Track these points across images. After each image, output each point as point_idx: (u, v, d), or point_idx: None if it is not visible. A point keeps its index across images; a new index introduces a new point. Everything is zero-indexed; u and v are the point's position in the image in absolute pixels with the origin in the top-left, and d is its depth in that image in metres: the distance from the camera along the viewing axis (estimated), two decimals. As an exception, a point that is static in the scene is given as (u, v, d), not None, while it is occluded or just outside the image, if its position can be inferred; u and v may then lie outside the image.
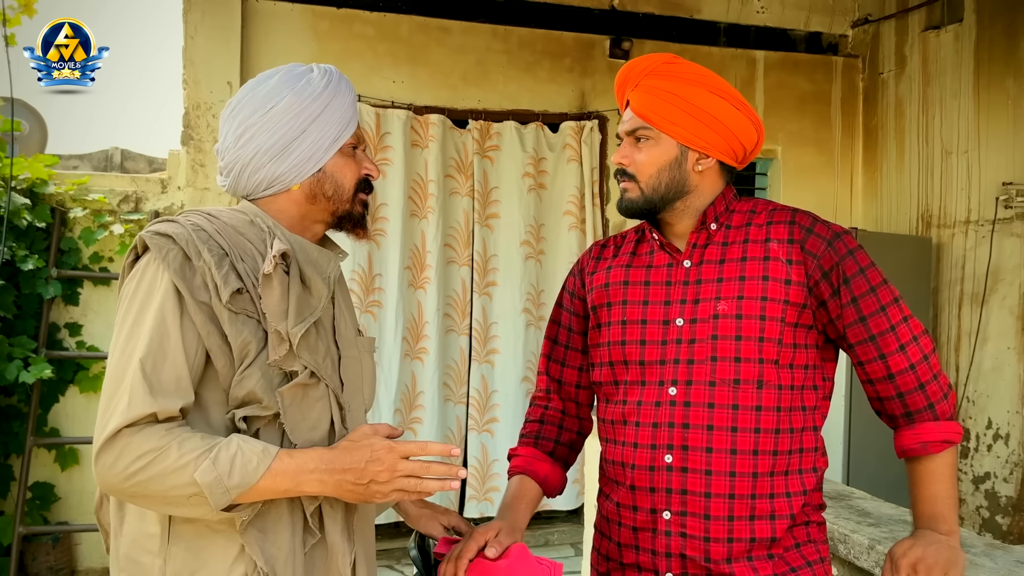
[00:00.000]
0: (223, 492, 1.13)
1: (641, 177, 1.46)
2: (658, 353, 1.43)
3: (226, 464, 1.13)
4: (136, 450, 1.13)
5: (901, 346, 1.40)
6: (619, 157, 1.48)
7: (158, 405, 1.14)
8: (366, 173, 1.41)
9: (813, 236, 1.42)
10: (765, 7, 5.46)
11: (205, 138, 4.42)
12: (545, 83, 5.02)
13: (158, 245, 1.21)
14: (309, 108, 1.31)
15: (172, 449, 1.13)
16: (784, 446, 1.40)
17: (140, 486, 1.13)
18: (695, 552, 1.38)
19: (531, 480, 1.59)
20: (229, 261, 1.22)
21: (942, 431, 1.41)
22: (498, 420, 4.84)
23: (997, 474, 4.63)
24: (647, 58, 1.49)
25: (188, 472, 1.12)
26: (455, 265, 4.83)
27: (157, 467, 1.12)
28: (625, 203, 1.49)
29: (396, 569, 4.37)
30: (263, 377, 1.21)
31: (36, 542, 4.07)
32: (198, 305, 1.19)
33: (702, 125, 1.43)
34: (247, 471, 1.14)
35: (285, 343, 1.22)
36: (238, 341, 1.20)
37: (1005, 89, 4.62)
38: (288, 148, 1.31)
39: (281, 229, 1.32)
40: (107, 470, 1.14)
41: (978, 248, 4.76)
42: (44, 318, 4.11)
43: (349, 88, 1.39)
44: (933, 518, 1.42)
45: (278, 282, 1.23)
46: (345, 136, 1.36)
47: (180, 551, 1.21)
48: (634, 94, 1.47)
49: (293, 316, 1.23)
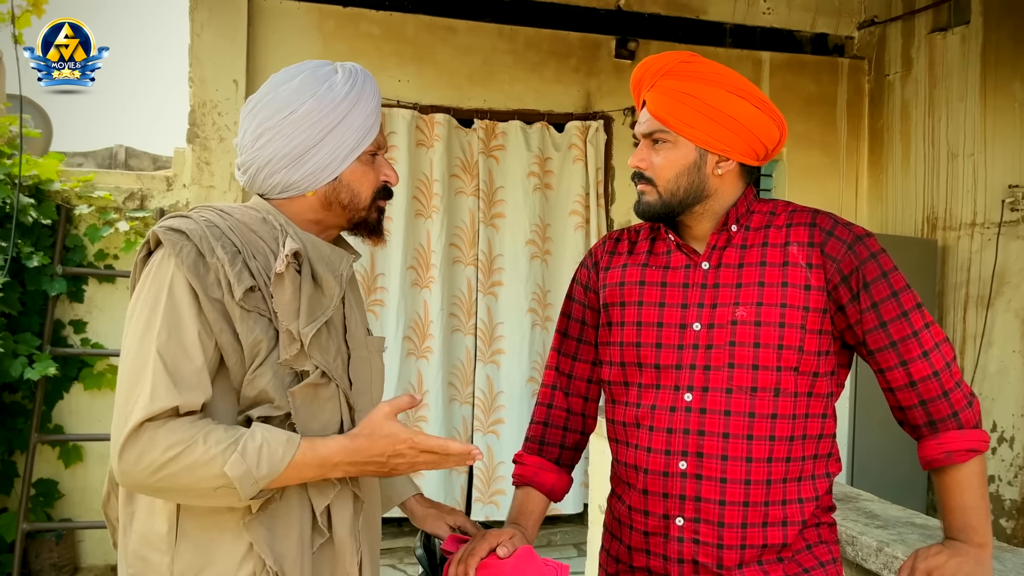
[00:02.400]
0: (252, 483, 1.14)
1: (659, 181, 1.41)
2: (674, 357, 1.40)
3: (254, 456, 1.14)
4: (163, 443, 1.12)
5: (924, 352, 1.36)
6: (636, 160, 1.44)
7: (182, 398, 1.13)
8: (384, 180, 1.38)
9: (833, 239, 1.38)
10: (771, 8, 5.45)
11: (211, 136, 4.42)
12: (551, 83, 5.02)
13: (172, 241, 1.20)
14: (329, 116, 1.29)
15: (199, 442, 1.12)
16: (798, 453, 1.38)
17: (167, 480, 1.12)
18: (708, 559, 1.37)
19: (537, 492, 1.57)
20: (242, 259, 1.21)
21: (967, 440, 1.37)
22: (504, 421, 4.83)
23: (1001, 477, 4.62)
24: (663, 56, 1.43)
25: (217, 465, 1.12)
26: (460, 265, 4.83)
27: (185, 460, 1.11)
28: (643, 206, 1.44)
29: (399, 568, 4.37)
30: (274, 376, 1.20)
31: (39, 539, 4.07)
32: (211, 302, 1.18)
33: (721, 127, 1.38)
34: (273, 461, 1.15)
35: (296, 342, 1.22)
36: (249, 339, 1.19)
37: (1012, 92, 4.60)
38: (304, 156, 1.29)
39: (294, 227, 1.31)
40: (133, 465, 1.12)
41: (984, 251, 4.75)
42: (49, 315, 4.11)
43: (373, 91, 1.35)
44: (964, 530, 1.38)
45: (290, 281, 1.23)
46: (365, 144, 1.33)
47: (188, 548, 1.20)
48: (650, 95, 1.42)
49: (304, 315, 1.23)
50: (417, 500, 1.60)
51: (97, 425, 4.23)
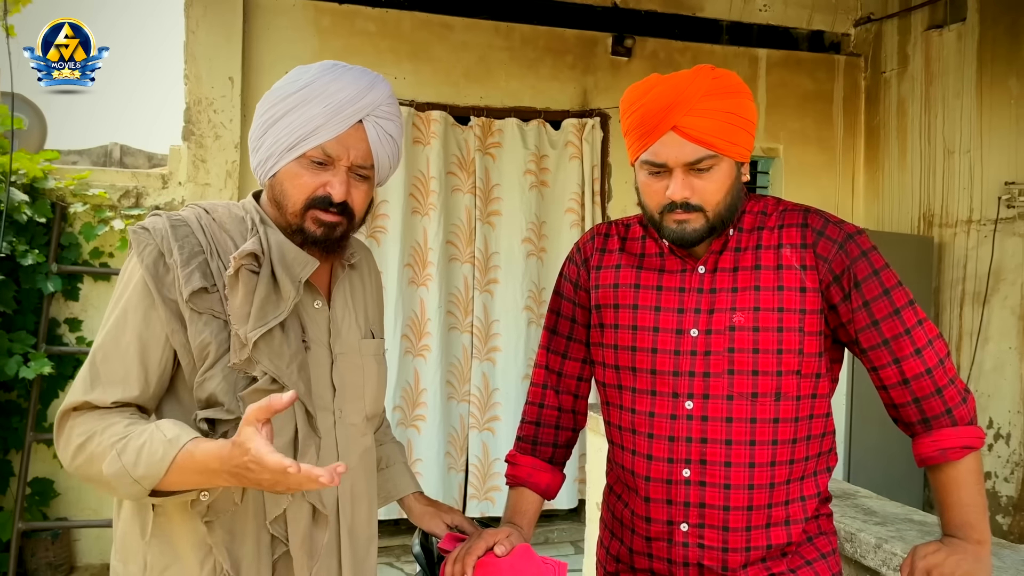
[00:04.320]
0: (131, 483, 1.12)
1: (708, 207, 1.33)
2: (671, 364, 1.39)
3: (132, 455, 1.11)
4: (75, 433, 1.17)
5: (916, 350, 1.36)
6: (680, 191, 1.31)
7: (92, 395, 1.17)
8: (323, 193, 1.26)
9: (824, 239, 1.37)
10: (767, 5, 5.44)
11: (206, 133, 4.41)
12: (547, 80, 5.01)
13: (137, 240, 1.23)
14: (277, 105, 1.27)
15: (96, 435, 1.15)
16: (800, 454, 1.38)
17: (81, 468, 1.17)
18: (713, 562, 1.37)
19: (532, 493, 1.56)
20: (202, 259, 1.21)
21: (961, 436, 1.36)
22: (499, 419, 4.82)
23: (998, 474, 4.63)
24: (694, 77, 1.33)
25: (103, 459, 1.13)
26: (457, 262, 4.82)
27: (87, 451, 1.15)
28: (688, 235, 1.34)
29: (396, 567, 4.36)
30: (224, 380, 1.19)
31: (35, 538, 4.06)
32: (165, 302, 1.19)
33: (748, 135, 1.35)
34: (152, 462, 1.10)
35: (247, 347, 1.19)
36: (197, 341, 1.19)
37: (1008, 88, 4.61)
38: (258, 142, 1.30)
39: (270, 226, 1.29)
40: (59, 450, 1.18)
41: (980, 248, 4.76)
42: (44, 313, 4.09)
43: (340, 98, 1.25)
44: (962, 527, 1.36)
45: (242, 283, 1.21)
46: (306, 146, 1.24)
47: (159, 543, 1.23)
48: (688, 119, 1.30)
49: (253, 319, 1.20)
50: (416, 498, 1.59)
51: (93, 424, 4.21)
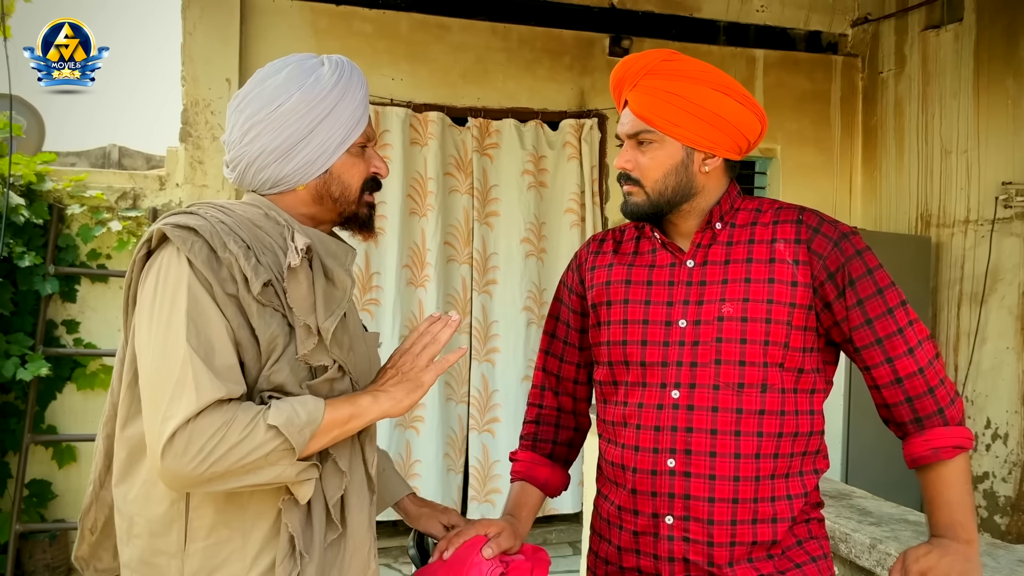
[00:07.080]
0: (298, 430, 1.14)
1: (646, 182, 1.41)
2: (660, 354, 1.40)
3: (287, 407, 1.14)
4: (206, 430, 1.10)
5: (909, 349, 1.37)
6: (622, 161, 1.43)
7: (226, 389, 1.13)
8: (374, 172, 1.38)
9: (819, 236, 1.39)
10: (765, 6, 5.45)
11: (204, 135, 4.41)
12: (545, 81, 5.01)
13: (182, 238, 1.18)
14: (317, 108, 1.28)
15: (239, 417, 1.12)
16: (786, 449, 1.38)
17: (219, 462, 1.10)
18: (698, 556, 1.37)
19: (532, 487, 1.58)
20: (253, 254, 1.20)
21: (953, 436, 1.37)
22: (499, 420, 4.82)
23: (996, 474, 4.63)
24: (644, 56, 1.42)
25: (260, 427, 1.12)
26: (455, 263, 4.82)
27: (232, 438, 1.11)
28: (630, 207, 1.44)
29: (393, 567, 4.36)
30: (291, 372, 1.20)
31: (33, 540, 4.05)
32: (227, 297, 1.17)
33: (707, 125, 1.38)
34: (308, 409, 1.15)
35: (314, 337, 1.21)
36: (266, 335, 1.18)
37: (1005, 88, 4.61)
38: (294, 149, 1.28)
39: (296, 223, 1.30)
40: (178, 459, 1.10)
41: (977, 248, 4.76)
42: (41, 315, 4.09)
43: (361, 83, 1.34)
44: (951, 527, 1.37)
45: (304, 275, 1.22)
46: (354, 136, 1.32)
47: (198, 550, 1.19)
48: (633, 94, 1.41)
49: (323, 309, 1.22)
50: (411, 500, 1.59)
51: (90, 425, 4.21)
